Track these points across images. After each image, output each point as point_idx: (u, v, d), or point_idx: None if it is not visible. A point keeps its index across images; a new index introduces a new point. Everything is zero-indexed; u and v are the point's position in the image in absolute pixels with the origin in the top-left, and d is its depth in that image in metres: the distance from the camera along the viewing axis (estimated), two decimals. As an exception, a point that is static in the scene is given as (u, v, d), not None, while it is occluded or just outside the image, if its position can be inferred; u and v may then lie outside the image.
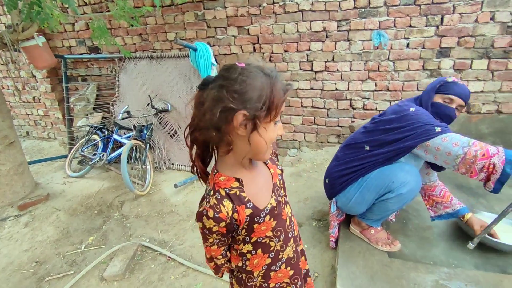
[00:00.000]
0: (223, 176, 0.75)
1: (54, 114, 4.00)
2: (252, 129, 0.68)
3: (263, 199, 0.78)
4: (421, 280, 1.38)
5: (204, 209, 0.71)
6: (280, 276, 0.86)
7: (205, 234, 0.74)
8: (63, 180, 3.29)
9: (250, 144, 0.69)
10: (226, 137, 0.69)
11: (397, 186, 1.44)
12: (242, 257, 0.83)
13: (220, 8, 2.97)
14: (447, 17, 2.43)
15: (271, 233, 0.80)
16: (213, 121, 0.67)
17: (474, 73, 2.53)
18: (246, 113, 0.66)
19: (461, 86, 1.48)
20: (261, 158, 0.76)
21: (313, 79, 2.96)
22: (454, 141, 1.29)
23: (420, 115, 1.40)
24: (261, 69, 0.69)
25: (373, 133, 1.54)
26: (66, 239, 2.38)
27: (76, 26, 3.52)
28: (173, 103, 3.28)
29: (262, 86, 0.67)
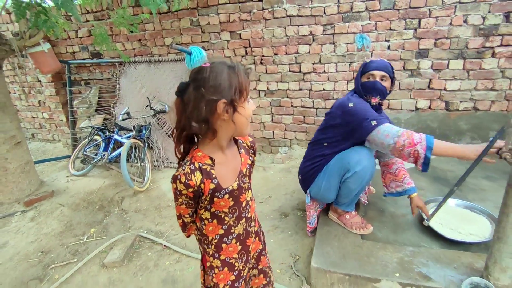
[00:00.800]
0: (200, 153, 0.89)
1: (58, 116, 4.20)
2: (233, 111, 0.83)
3: (227, 180, 0.93)
4: (388, 258, 1.53)
5: (179, 175, 0.85)
6: (231, 250, 1.02)
7: (176, 194, 0.89)
8: (66, 178, 3.46)
9: (235, 124, 0.85)
10: (213, 126, 0.84)
11: (352, 165, 1.62)
12: (201, 221, 1.00)
13: (213, 15, 3.16)
14: (424, 21, 2.60)
15: (228, 210, 0.97)
16: (202, 115, 0.81)
17: (451, 73, 2.68)
18: (224, 100, 0.81)
19: (377, 61, 1.66)
20: (245, 133, 0.92)
21: (302, 80, 3.13)
22: (385, 133, 1.46)
23: (357, 110, 1.58)
24: (224, 63, 0.84)
25: (326, 131, 1.76)
26: (70, 232, 2.54)
27: (79, 33, 3.73)
28: (170, 104, 3.46)
29: (229, 76, 0.82)
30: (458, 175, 2.44)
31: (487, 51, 2.53)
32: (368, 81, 1.66)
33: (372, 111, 1.59)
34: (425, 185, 2.34)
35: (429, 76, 2.75)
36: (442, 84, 2.74)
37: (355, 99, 1.66)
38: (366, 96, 1.67)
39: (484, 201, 2.07)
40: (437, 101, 2.81)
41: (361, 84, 1.69)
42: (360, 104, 1.62)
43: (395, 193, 1.90)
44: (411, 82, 2.82)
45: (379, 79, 1.64)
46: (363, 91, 1.68)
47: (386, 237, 1.80)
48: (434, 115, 2.85)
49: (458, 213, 1.87)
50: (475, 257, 1.48)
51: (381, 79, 1.64)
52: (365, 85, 1.67)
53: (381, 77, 1.64)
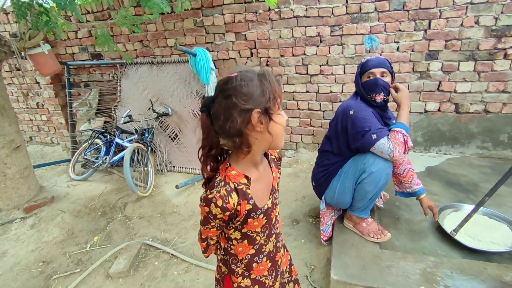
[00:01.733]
0: (234, 171, 0.82)
1: (57, 119, 4.10)
2: (268, 120, 0.77)
3: (263, 199, 0.88)
4: (409, 269, 1.47)
5: (214, 197, 0.78)
6: (262, 269, 0.96)
7: (209, 218, 0.82)
8: (67, 183, 3.37)
9: (272, 134, 0.79)
10: (247, 138, 0.78)
11: (368, 166, 1.60)
12: (228, 241, 0.92)
13: (218, 15, 3.09)
14: (434, 22, 2.55)
15: (260, 229, 0.90)
16: (236, 127, 0.75)
17: (462, 75, 2.64)
18: (259, 109, 0.75)
19: (373, 59, 1.67)
20: (280, 145, 0.85)
21: (309, 83, 3.07)
22: (380, 149, 1.56)
23: (358, 119, 1.59)
24: (252, 71, 0.79)
25: (332, 141, 1.76)
26: (72, 240, 2.46)
27: (79, 34, 3.64)
28: (173, 107, 3.38)
29: (261, 83, 0.77)
30: (472, 180, 2.42)
31: (499, 52, 2.49)
32: (369, 80, 1.65)
33: (372, 120, 1.58)
34: (438, 190, 2.29)
35: (439, 78, 2.71)
36: (452, 86, 2.69)
37: (356, 104, 1.65)
38: (370, 95, 1.66)
39: (501, 206, 2.02)
40: (446, 104, 2.76)
41: (362, 84, 1.68)
42: (360, 111, 1.61)
43: (405, 193, 1.84)
44: (420, 85, 2.77)
45: (379, 76, 1.63)
46: (365, 91, 1.67)
47: (403, 245, 1.74)
48: (444, 118, 2.80)
49: (477, 220, 1.81)
50: (502, 268, 1.43)
51: (382, 76, 1.64)
52: (366, 84, 1.67)
53: (381, 74, 1.64)
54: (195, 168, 3.34)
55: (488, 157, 2.78)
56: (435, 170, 2.61)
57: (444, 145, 2.88)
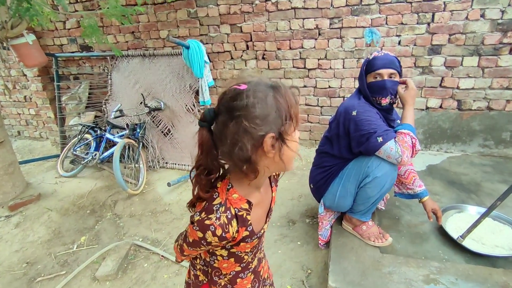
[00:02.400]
0: (236, 194, 0.71)
1: (46, 113, 3.95)
2: (280, 146, 0.64)
3: (260, 224, 0.79)
4: (412, 275, 1.39)
5: (212, 225, 0.67)
6: (245, 283, 0.87)
7: (200, 244, 0.71)
8: (55, 179, 3.25)
9: (283, 161, 0.66)
10: (255, 166, 0.66)
11: (372, 170, 1.48)
12: (212, 256, 0.82)
13: (212, 6, 2.95)
14: (438, 15, 2.45)
15: (249, 250, 0.81)
16: (245, 155, 0.63)
17: (465, 70, 2.55)
18: (273, 134, 0.63)
19: (382, 57, 1.51)
20: (290, 169, 0.73)
21: (306, 77, 2.97)
22: (386, 154, 1.43)
23: (362, 121, 1.46)
24: (265, 84, 0.66)
25: (333, 142, 1.64)
26: (58, 239, 2.35)
27: (67, 24, 3.48)
28: (166, 101, 3.26)
29: (276, 101, 0.64)
30: (473, 178, 2.35)
31: (504, 47, 2.40)
32: (376, 81, 1.51)
33: (377, 122, 1.46)
34: (440, 189, 2.21)
35: (441, 74, 2.61)
36: (455, 82, 2.60)
37: (359, 105, 1.51)
38: (375, 97, 1.53)
39: (503, 207, 1.92)
40: (449, 100, 2.67)
41: (367, 85, 1.54)
42: (364, 113, 1.48)
43: (405, 195, 1.76)
44: (422, 80, 2.68)
45: (387, 78, 1.49)
46: (370, 92, 1.53)
47: (405, 248, 1.66)
48: (445, 115, 2.71)
49: (481, 223, 1.73)
50: (508, 274, 1.35)
51: (390, 77, 1.50)
52: (372, 86, 1.52)
53: (389, 75, 1.49)
54: (189, 165, 3.24)
55: (489, 155, 2.71)
56: (436, 169, 2.53)
57: (445, 143, 2.80)
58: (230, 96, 0.64)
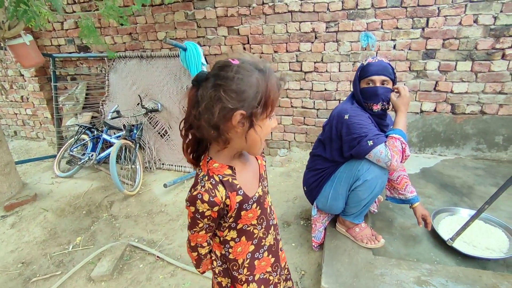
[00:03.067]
0: (216, 164, 0.77)
1: (43, 113, 3.95)
2: (249, 127, 0.70)
3: (252, 188, 0.82)
4: (403, 277, 1.42)
5: (199, 193, 0.72)
6: (264, 264, 0.89)
7: (196, 219, 0.75)
8: (51, 180, 3.25)
9: (247, 141, 0.72)
10: (224, 135, 0.71)
11: (362, 173, 1.51)
12: (225, 244, 0.85)
13: (210, 8, 2.97)
14: (432, 20, 2.48)
15: (256, 221, 0.84)
16: (212, 121, 0.68)
17: (459, 75, 2.59)
18: (243, 112, 0.68)
19: (375, 63, 1.53)
20: (255, 153, 0.81)
21: (303, 80, 2.99)
22: (376, 157, 1.46)
23: (354, 124, 1.48)
24: (255, 65, 0.70)
25: (326, 145, 1.66)
26: (54, 240, 2.35)
27: (65, 25, 3.49)
28: (163, 102, 3.27)
29: (257, 83, 0.68)
30: (466, 182, 2.38)
31: (497, 52, 2.44)
32: (368, 87, 1.53)
33: (369, 126, 1.48)
34: (433, 192, 2.24)
35: (435, 78, 2.65)
36: (448, 87, 2.64)
37: (352, 109, 1.54)
38: (367, 103, 1.56)
39: (495, 210, 1.97)
40: (443, 104, 2.71)
41: (360, 90, 1.57)
42: (356, 116, 1.50)
43: (397, 200, 1.80)
44: (416, 84, 2.71)
45: (379, 85, 1.51)
46: (363, 98, 1.56)
47: (397, 251, 1.69)
48: (439, 118, 2.75)
49: (472, 225, 1.75)
50: (498, 277, 1.38)
51: (382, 84, 1.52)
52: (365, 91, 1.55)
53: (381, 82, 1.51)
54: (185, 166, 3.25)
55: (482, 158, 2.75)
56: (429, 172, 2.56)
57: (439, 146, 2.84)
58: (220, 65, 0.69)
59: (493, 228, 1.74)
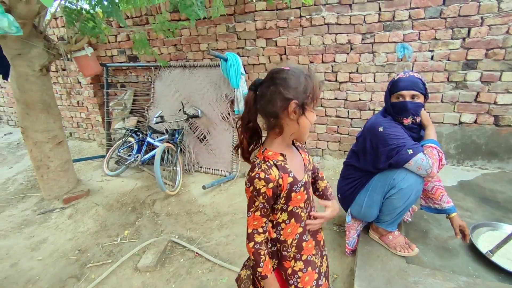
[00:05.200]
0: (270, 152, 0.95)
1: (95, 117, 4.36)
2: (301, 113, 0.89)
3: (299, 174, 0.98)
4: (438, 287, 1.43)
5: (257, 173, 0.89)
6: (310, 247, 1.04)
7: (253, 197, 0.91)
8: (101, 178, 3.57)
9: (300, 125, 0.91)
10: (281, 122, 0.91)
11: (397, 182, 1.55)
12: (277, 227, 0.99)
13: (250, 21, 3.15)
14: (475, 30, 2.45)
15: (303, 204, 0.99)
16: (273, 110, 0.89)
17: (504, 85, 2.51)
18: (297, 101, 0.88)
19: (404, 78, 1.57)
20: (304, 139, 0.98)
21: (337, 90, 3.05)
22: (417, 165, 1.49)
23: (390, 136, 1.53)
24: (301, 69, 0.91)
25: (359, 157, 1.72)
26: (104, 232, 2.60)
27: (118, 38, 3.85)
28: (203, 109, 3.49)
29: (306, 81, 0.89)
30: (509, 196, 2.29)
31: (546, 64, 2.35)
32: (398, 102, 1.57)
33: (405, 136, 1.53)
34: (472, 206, 2.19)
35: (476, 89, 2.59)
36: (492, 98, 2.56)
37: (385, 121, 1.59)
38: (398, 117, 1.60)
39: (541, 227, 1.89)
40: (484, 116, 2.63)
41: (391, 104, 1.61)
42: (390, 128, 1.55)
43: (432, 209, 1.79)
44: (455, 95, 2.66)
45: (409, 99, 1.54)
46: (393, 112, 1.60)
47: (432, 261, 1.69)
48: (480, 130, 2.67)
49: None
50: (540, 294, 1.35)
51: (412, 98, 1.55)
52: (395, 106, 1.59)
53: (411, 97, 1.55)
54: (222, 170, 3.42)
55: (529, 173, 2.62)
56: (469, 185, 2.49)
57: (480, 159, 2.74)
58: (275, 71, 0.91)
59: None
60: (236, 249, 2.20)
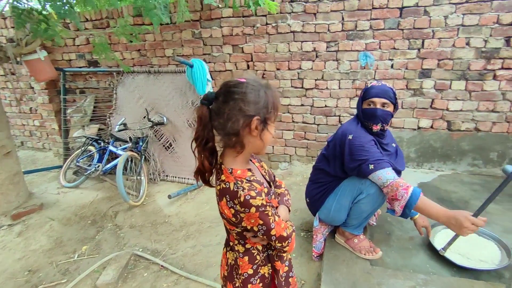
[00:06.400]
0: (239, 170, 0.89)
1: (50, 125, 4.07)
2: (262, 129, 0.86)
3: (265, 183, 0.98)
4: (399, 286, 1.47)
5: (246, 195, 0.82)
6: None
7: (264, 211, 0.85)
8: (57, 190, 3.32)
9: (263, 141, 0.88)
10: (242, 139, 0.86)
11: (366, 187, 1.59)
12: None
13: (216, 28, 3.13)
14: (428, 41, 2.62)
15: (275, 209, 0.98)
16: (235, 128, 0.83)
17: (454, 93, 2.70)
18: (259, 117, 0.84)
19: (377, 86, 1.62)
20: (263, 152, 0.95)
21: (304, 96, 3.11)
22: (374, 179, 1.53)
23: (356, 147, 1.57)
24: (259, 82, 0.87)
25: (330, 161, 1.75)
26: (60, 248, 2.41)
27: (77, 41, 3.65)
28: (168, 116, 3.39)
29: (266, 95, 0.86)
30: (462, 196, 2.45)
31: (488, 73, 2.56)
32: (369, 108, 1.63)
33: (370, 148, 1.56)
34: (430, 206, 2.30)
35: (431, 96, 2.76)
36: (444, 104, 2.75)
37: (356, 130, 1.63)
38: (367, 123, 1.65)
39: (490, 224, 2.03)
40: (439, 121, 2.81)
41: (362, 110, 1.67)
42: (359, 138, 1.59)
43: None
44: (414, 102, 2.82)
45: (379, 107, 1.60)
46: (363, 118, 1.66)
47: (394, 262, 1.74)
48: (436, 134, 2.85)
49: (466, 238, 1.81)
50: (489, 286, 1.44)
51: (382, 106, 1.60)
52: (365, 112, 1.65)
53: (382, 104, 1.60)
54: (188, 178, 3.33)
55: (478, 174, 2.82)
56: (427, 186, 2.64)
57: (437, 162, 2.92)
58: (232, 84, 0.85)
59: (486, 241, 1.80)
60: (203, 260, 2.13)
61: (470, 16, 2.46)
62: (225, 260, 1.07)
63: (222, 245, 1.12)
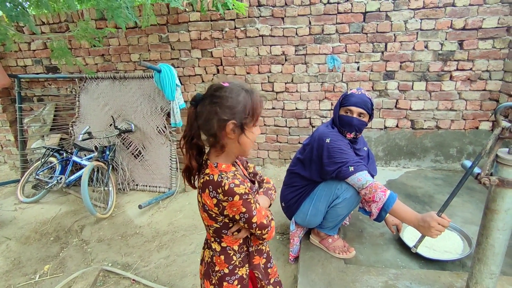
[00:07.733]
0: (224, 165, 0.93)
1: (5, 136, 3.77)
2: (240, 133, 0.89)
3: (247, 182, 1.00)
4: (373, 282, 1.51)
5: (230, 183, 0.86)
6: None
7: (247, 199, 0.89)
8: (14, 206, 3.07)
9: (240, 144, 0.91)
10: (220, 141, 0.91)
11: (342, 192, 1.61)
12: None
13: (184, 32, 3.07)
14: (390, 45, 2.75)
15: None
16: (211, 130, 0.89)
17: (415, 94, 2.85)
18: (235, 122, 0.87)
19: (356, 95, 1.63)
20: (246, 155, 0.98)
21: (275, 99, 3.13)
22: (352, 182, 1.55)
23: (335, 150, 1.58)
24: (242, 86, 0.90)
25: (305, 165, 1.74)
26: (18, 270, 2.22)
27: (33, 45, 3.42)
28: (137, 123, 3.26)
29: (245, 100, 0.88)
30: (427, 191, 2.57)
31: (445, 74, 2.73)
32: (346, 116, 1.64)
33: (348, 151, 1.58)
34: (398, 202, 2.39)
35: (396, 97, 2.89)
36: (408, 104, 2.89)
37: (332, 134, 1.64)
38: (342, 129, 1.67)
39: (452, 216, 2.14)
40: (403, 120, 2.95)
41: (339, 116, 1.68)
42: (337, 141, 1.60)
43: (368, 212, 1.89)
44: (379, 102, 2.94)
45: (356, 116, 1.62)
46: (339, 124, 1.67)
47: (367, 258, 1.78)
48: (401, 133, 2.98)
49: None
50: (454, 276, 1.51)
51: (359, 115, 1.62)
52: (342, 119, 1.66)
53: (358, 114, 1.62)
54: (160, 186, 3.22)
55: (440, 169, 2.99)
56: (395, 183, 2.75)
57: (403, 159, 3.06)
58: (215, 87, 0.89)
59: (450, 232, 1.90)
60: (178, 270, 2.06)
61: (427, 21, 2.62)
62: (202, 258, 1.10)
63: (197, 254, 1.12)
